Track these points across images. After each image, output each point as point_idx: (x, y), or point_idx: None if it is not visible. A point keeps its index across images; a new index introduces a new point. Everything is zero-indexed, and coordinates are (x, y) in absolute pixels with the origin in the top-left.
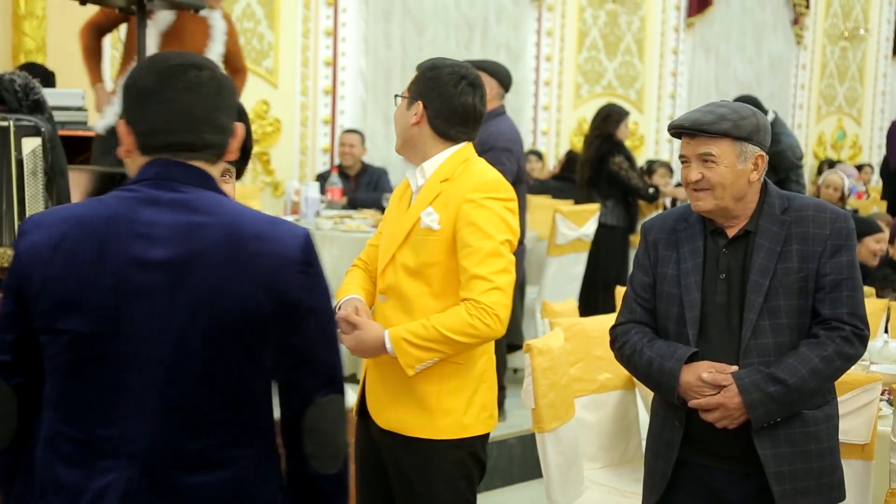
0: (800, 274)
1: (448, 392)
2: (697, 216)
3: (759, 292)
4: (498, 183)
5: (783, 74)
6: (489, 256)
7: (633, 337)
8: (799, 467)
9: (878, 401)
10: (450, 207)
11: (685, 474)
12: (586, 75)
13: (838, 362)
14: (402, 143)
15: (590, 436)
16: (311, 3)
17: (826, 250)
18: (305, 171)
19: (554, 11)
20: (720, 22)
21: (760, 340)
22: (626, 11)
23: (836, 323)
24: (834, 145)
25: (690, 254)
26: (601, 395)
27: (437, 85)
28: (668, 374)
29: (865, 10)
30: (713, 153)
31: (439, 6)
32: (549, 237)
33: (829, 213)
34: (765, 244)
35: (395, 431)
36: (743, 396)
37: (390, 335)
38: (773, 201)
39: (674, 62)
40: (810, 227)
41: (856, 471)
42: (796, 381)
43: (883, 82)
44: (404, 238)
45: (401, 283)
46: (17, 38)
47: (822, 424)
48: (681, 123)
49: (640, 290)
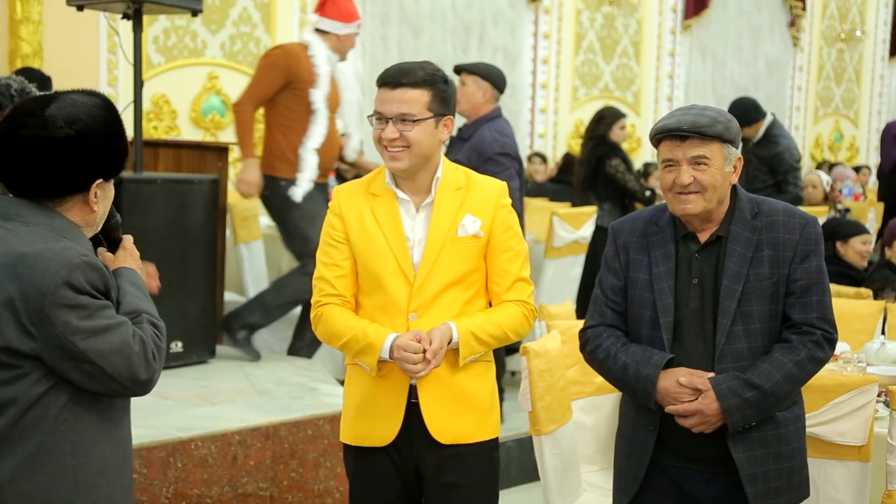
0: (772, 279)
1: (491, 389)
2: (668, 219)
3: (733, 298)
4: (506, 188)
5: (780, 76)
6: (525, 260)
7: (605, 341)
8: (771, 468)
9: (875, 402)
10: (486, 213)
11: (656, 473)
12: (583, 78)
13: (810, 366)
14: (421, 163)
15: (587, 438)
16: (307, 7)
17: (796, 255)
18: None
19: (551, 14)
20: (717, 24)
21: (734, 345)
22: (623, 14)
23: (806, 327)
24: (831, 147)
25: (662, 258)
26: (598, 397)
27: (452, 93)
28: (645, 379)
29: (862, 11)
30: (707, 155)
31: (436, 10)
32: (547, 239)
33: (798, 218)
34: (737, 249)
35: (461, 443)
36: (720, 402)
37: (458, 326)
38: (744, 206)
39: (670, 64)
40: (781, 233)
41: (853, 472)
42: (772, 387)
43: (880, 84)
44: (438, 251)
45: (443, 294)
46: (14, 42)
47: (792, 425)
48: (678, 126)
49: (611, 293)
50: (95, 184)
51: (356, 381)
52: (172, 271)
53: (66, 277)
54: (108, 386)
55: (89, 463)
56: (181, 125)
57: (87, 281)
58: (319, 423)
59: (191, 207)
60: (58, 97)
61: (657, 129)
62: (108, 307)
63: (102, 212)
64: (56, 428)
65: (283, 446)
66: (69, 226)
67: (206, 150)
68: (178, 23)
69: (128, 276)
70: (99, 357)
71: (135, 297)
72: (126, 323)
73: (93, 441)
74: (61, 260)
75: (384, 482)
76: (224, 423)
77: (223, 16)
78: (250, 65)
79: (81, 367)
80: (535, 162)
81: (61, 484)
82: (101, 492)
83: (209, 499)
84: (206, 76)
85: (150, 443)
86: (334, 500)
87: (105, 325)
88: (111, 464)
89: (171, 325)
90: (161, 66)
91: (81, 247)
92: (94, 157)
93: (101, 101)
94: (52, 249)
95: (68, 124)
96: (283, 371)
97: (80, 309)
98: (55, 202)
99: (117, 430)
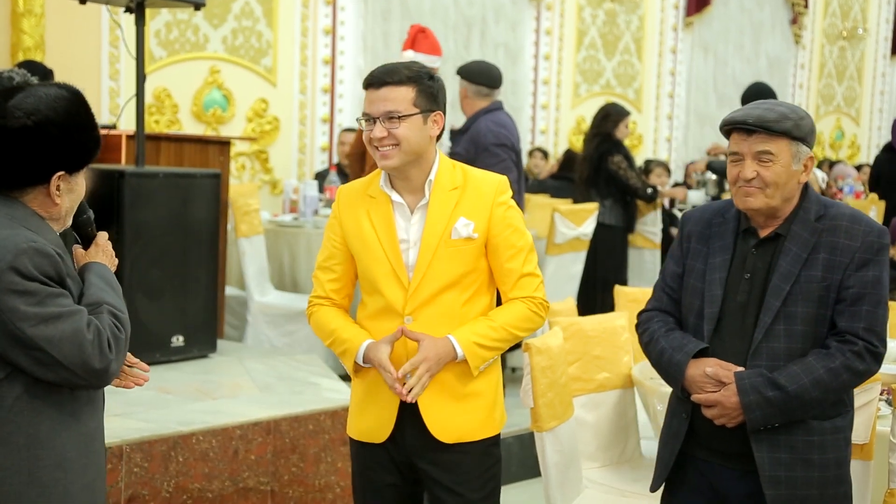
0: (823, 283)
1: (496, 384)
2: (735, 213)
3: (779, 296)
4: (506, 182)
5: (781, 74)
6: (529, 253)
7: (652, 325)
8: (799, 475)
9: (878, 401)
10: (481, 214)
11: (690, 469)
12: (585, 74)
13: (845, 376)
14: (411, 160)
15: (588, 435)
16: (309, 2)
17: (853, 262)
18: (304, 170)
19: (552, 11)
20: (719, 21)
21: (772, 344)
22: (625, 10)
23: (850, 336)
24: (832, 145)
25: (720, 250)
26: (599, 394)
27: (439, 89)
28: (676, 365)
29: (864, 9)
30: (772, 151)
31: (438, 5)
32: (548, 236)
33: (863, 225)
34: (793, 249)
35: (464, 441)
36: (741, 397)
37: (459, 340)
38: (810, 206)
39: (672, 61)
40: (841, 238)
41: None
42: (797, 389)
43: (881, 82)
44: (433, 253)
45: (436, 298)
46: (16, 35)
47: (829, 435)
48: (744, 119)
49: (669, 280)
50: (57, 175)
51: (360, 376)
52: (174, 265)
53: (12, 262)
54: (60, 374)
55: (45, 455)
56: (182, 119)
57: (36, 267)
58: (320, 417)
59: (192, 202)
60: (25, 88)
61: (726, 121)
62: (62, 295)
63: (68, 205)
64: (9, 419)
65: (284, 441)
66: (30, 215)
67: (208, 145)
68: (179, 16)
69: (96, 269)
70: (48, 344)
71: (99, 290)
72: (80, 311)
73: (51, 434)
74: (7, 245)
75: (383, 477)
76: (225, 417)
77: (225, 10)
78: (252, 59)
79: (32, 355)
80: (537, 157)
81: (14, 476)
82: (59, 486)
83: (210, 493)
84: (207, 70)
85: (151, 437)
86: (335, 495)
87: (55, 312)
88: (70, 458)
89: (172, 320)
90: (163, 60)
91: (38, 235)
92: (52, 149)
93: (69, 93)
94: (1, 235)
95: (27, 115)
96: (284, 366)
97: (28, 295)
98: (15, 192)
99: (78, 425)
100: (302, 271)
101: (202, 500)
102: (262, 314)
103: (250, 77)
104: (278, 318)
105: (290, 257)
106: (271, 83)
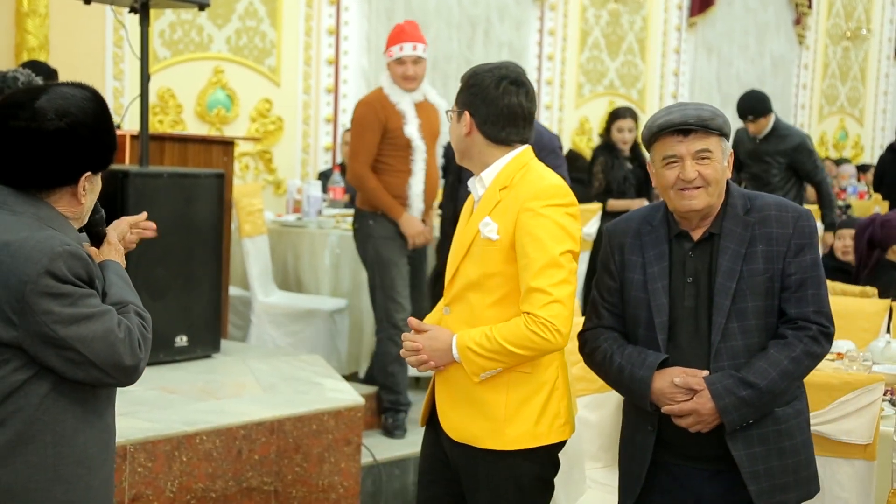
0: (766, 275)
1: (517, 401)
2: (661, 218)
3: (727, 295)
4: (557, 188)
5: (785, 74)
6: (548, 268)
7: (602, 343)
8: (775, 464)
9: (881, 401)
10: (508, 216)
11: (660, 474)
12: (588, 75)
13: (807, 362)
14: (460, 156)
15: (591, 435)
16: (313, 2)
17: (790, 250)
18: (307, 170)
19: (556, 11)
20: (722, 22)
21: (730, 343)
22: (629, 11)
23: (802, 322)
24: (836, 145)
25: (656, 258)
26: (603, 394)
27: (479, 91)
28: (640, 381)
29: (868, 10)
30: (710, 149)
31: (442, 5)
32: None
33: (791, 211)
34: (730, 246)
35: (467, 444)
36: (716, 402)
37: (457, 341)
38: (736, 202)
39: (676, 62)
40: (774, 227)
41: (858, 471)
42: (768, 384)
43: (885, 82)
44: (466, 250)
45: (465, 295)
46: (20, 35)
47: (793, 420)
48: (685, 120)
49: (607, 295)
50: (84, 176)
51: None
52: (178, 265)
53: (48, 266)
54: (91, 373)
55: (70, 453)
56: (186, 119)
57: (70, 270)
58: (324, 417)
59: (196, 201)
60: (48, 89)
61: (660, 126)
62: (92, 296)
63: (89, 204)
64: (37, 417)
65: (288, 441)
66: (56, 216)
67: (212, 145)
68: (183, 17)
69: (114, 268)
70: (81, 344)
71: (120, 289)
72: (111, 311)
73: (74, 431)
74: (43, 248)
75: (428, 457)
76: (229, 417)
77: (229, 10)
78: (256, 59)
79: (64, 355)
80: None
81: (40, 472)
82: (81, 482)
83: (214, 492)
84: (211, 70)
85: (155, 436)
86: (338, 495)
87: (88, 312)
88: (92, 454)
89: (175, 320)
90: (167, 60)
91: (67, 236)
92: (83, 150)
93: (91, 94)
94: (35, 238)
95: (59, 116)
96: (287, 366)
97: (63, 297)
98: (44, 193)
99: (100, 421)
100: (305, 271)
101: (206, 499)
102: (265, 314)
103: (254, 77)
104: (282, 318)
105: (294, 257)
106: (275, 83)
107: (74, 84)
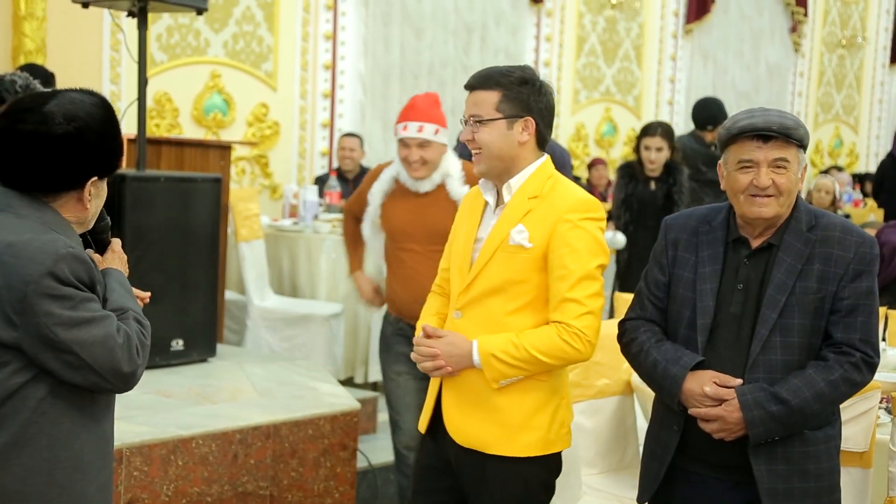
0: (818, 294)
1: (532, 408)
2: (722, 221)
3: (775, 308)
4: (592, 202)
5: (781, 82)
6: (583, 280)
7: (641, 335)
8: (796, 486)
9: (877, 409)
10: (543, 226)
11: (679, 482)
12: (585, 81)
13: (844, 388)
14: (497, 165)
15: (588, 441)
16: (310, 7)
17: (847, 274)
18: (304, 175)
19: (553, 17)
20: (718, 29)
21: (769, 356)
22: (625, 18)
23: (846, 348)
24: (831, 153)
25: (709, 259)
26: (599, 400)
27: (536, 93)
28: (672, 379)
29: (863, 18)
30: (788, 159)
31: (438, 10)
32: None
33: (855, 236)
34: (787, 260)
35: (476, 449)
36: (744, 412)
37: (479, 348)
38: (801, 216)
39: (672, 68)
40: (835, 249)
41: (854, 479)
42: (799, 403)
43: (880, 90)
44: (491, 255)
45: (483, 300)
46: (18, 39)
47: (822, 445)
48: (767, 126)
49: (654, 288)
50: (90, 181)
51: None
52: (174, 269)
53: (51, 267)
54: (88, 378)
55: (66, 457)
56: (183, 123)
57: (72, 272)
58: (320, 422)
59: (193, 206)
60: (56, 94)
61: (741, 128)
62: (93, 300)
63: (94, 210)
64: (33, 420)
65: (284, 445)
66: (60, 220)
67: (208, 149)
68: (181, 21)
69: (115, 276)
70: (80, 347)
71: (121, 296)
72: (111, 317)
73: (71, 436)
74: (47, 250)
75: (424, 467)
76: (225, 421)
77: (226, 14)
78: (253, 64)
79: (62, 358)
80: None
81: (36, 476)
82: (76, 487)
83: (209, 497)
84: (208, 75)
85: (151, 440)
86: (334, 500)
87: (88, 316)
88: (88, 460)
89: (172, 324)
90: (164, 64)
91: (70, 240)
92: (90, 155)
93: (99, 99)
94: (39, 240)
95: (67, 121)
96: (283, 370)
97: (64, 300)
98: (49, 197)
99: (98, 428)
100: (301, 276)
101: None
102: (261, 319)
103: (251, 82)
104: (278, 322)
105: (290, 262)
106: (272, 88)
107: (83, 90)
